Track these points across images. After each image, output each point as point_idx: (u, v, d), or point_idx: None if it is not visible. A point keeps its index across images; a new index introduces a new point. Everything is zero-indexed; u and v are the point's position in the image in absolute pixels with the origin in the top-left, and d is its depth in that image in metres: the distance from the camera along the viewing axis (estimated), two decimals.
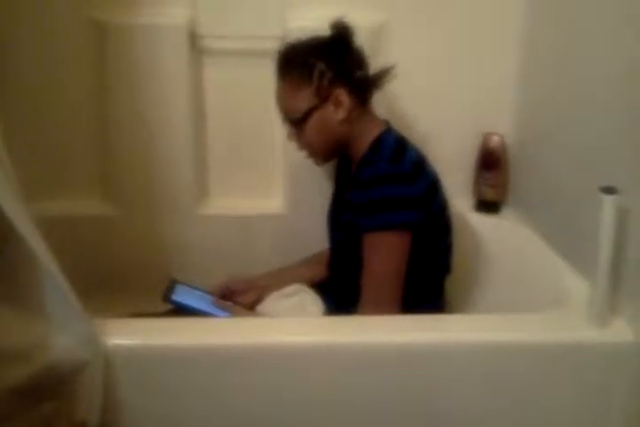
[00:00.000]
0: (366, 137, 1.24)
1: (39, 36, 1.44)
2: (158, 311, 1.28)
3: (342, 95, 1.21)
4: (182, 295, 1.25)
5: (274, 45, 1.41)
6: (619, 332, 1.04)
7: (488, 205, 1.55)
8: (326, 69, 1.20)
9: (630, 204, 1.02)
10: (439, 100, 1.53)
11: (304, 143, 1.27)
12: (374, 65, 1.29)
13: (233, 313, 1.24)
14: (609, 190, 1.01)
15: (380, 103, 1.39)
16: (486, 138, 1.53)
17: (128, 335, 1.04)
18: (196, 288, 1.29)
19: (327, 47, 1.23)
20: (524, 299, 1.29)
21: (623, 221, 1.02)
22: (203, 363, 1.05)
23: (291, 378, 1.06)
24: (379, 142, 1.23)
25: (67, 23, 1.44)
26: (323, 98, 1.21)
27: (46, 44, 1.45)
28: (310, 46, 1.24)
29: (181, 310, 1.24)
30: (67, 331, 0.97)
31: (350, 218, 1.22)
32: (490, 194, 1.54)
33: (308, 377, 1.06)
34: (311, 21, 1.36)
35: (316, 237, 1.41)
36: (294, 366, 1.06)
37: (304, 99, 1.21)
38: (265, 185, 1.59)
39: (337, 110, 1.22)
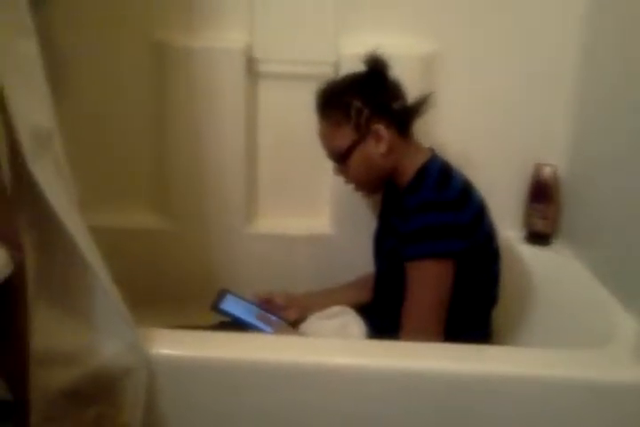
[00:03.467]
0: (411, 166, 1.25)
1: (103, 56, 1.51)
2: (204, 324, 1.30)
3: (381, 130, 1.23)
4: (230, 305, 1.26)
5: (327, 70, 1.47)
6: None
7: (538, 237, 1.53)
8: (363, 106, 1.22)
9: None
10: (492, 130, 1.53)
11: (350, 178, 1.30)
12: (424, 92, 1.30)
13: (277, 329, 1.25)
14: None
15: (430, 133, 1.42)
16: (538, 168, 1.52)
17: (171, 345, 1.06)
18: (244, 300, 1.30)
19: (362, 83, 1.26)
20: (571, 334, 1.26)
21: None
22: (244, 378, 1.06)
23: (327, 397, 1.06)
24: (423, 170, 1.24)
25: (130, 44, 1.50)
26: (362, 134, 1.24)
27: (109, 63, 1.52)
28: (346, 84, 1.28)
29: (227, 319, 1.26)
30: (114, 337, 1.00)
31: (395, 245, 1.22)
32: (540, 226, 1.52)
33: (347, 398, 1.06)
34: (364, 48, 1.38)
35: (361, 259, 1.41)
36: (330, 386, 1.06)
37: (344, 136, 1.24)
38: (313, 206, 1.61)
39: (378, 144, 1.24)
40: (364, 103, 1.23)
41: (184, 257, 1.58)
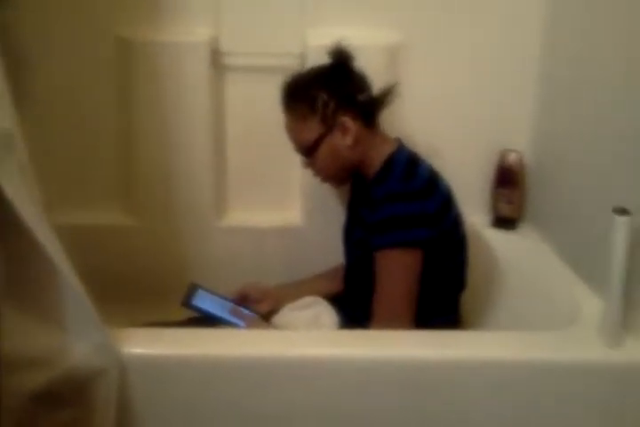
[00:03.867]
0: (378, 157, 1.27)
1: (69, 52, 1.50)
2: (175, 320, 1.30)
3: (347, 121, 1.24)
4: (202, 300, 1.27)
5: (293, 62, 1.48)
6: (631, 351, 1.04)
7: (505, 222, 1.56)
8: (329, 98, 1.24)
9: None
10: (458, 118, 1.56)
11: (318, 170, 1.32)
12: (389, 83, 1.32)
13: (249, 323, 1.26)
14: (622, 211, 1.01)
15: (396, 122, 1.43)
16: (504, 154, 1.54)
17: (143, 344, 1.07)
18: (216, 294, 1.31)
19: (327, 76, 1.28)
20: (538, 316, 1.30)
21: (635, 241, 1.02)
22: (218, 374, 1.06)
23: (303, 389, 1.07)
24: (390, 161, 1.26)
25: (94, 40, 1.50)
26: (329, 126, 1.25)
27: (74, 59, 1.51)
28: (311, 77, 1.29)
29: (199, 315, 1.26)
30: (84, 339, 1.00)
31: (363, 235, 1.24)
32: (506, 210, 1.55)
33: (319, 389, 1.07)
34: (330, 40, 1.38)
35: (332, 250, 1.43)
36: (306, 378, 1.07)
37: (311, 129, 1.26)
38: (282, 198, 1.63)
39: (344, 136, 1.25)
40: (330, 95, 1.24)
41: (154, 253, 1.58)
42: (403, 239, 1.17)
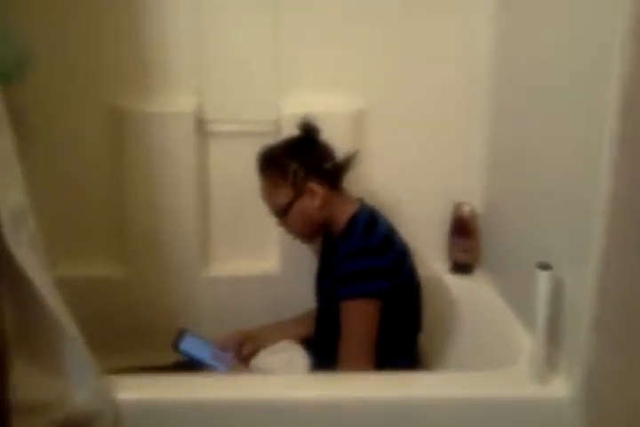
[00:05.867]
0: (342, 216, 1.42)
1: (64, 122, 1.66)
2: (162, 364, 1.44)
3: (315, 187, 1.39)
4: (188, 345, 1.39)
5: (270, 128, 1.64)
6: (556, 387, 1.18)
7: (461, 268, 1.71)
8: (298, 167, 1.38)
9: (565, 275, 1.18)
10: (415, 174, 1.72)
11: (290, 229, 1.47)
12: (355, 146, 1.50)
13: (231, 367, 1.40)
14: (544, 266, 1.16)
15: (361, 180, 1.58)
16: (457, 207, 1.70)
17: (135, 390, 1.19)
18: (201, 339, 1.43)
19: (297, 146, 1.43)
20: (486, 356, 1.44)
21: (558, 289, 1.18)
22: (205, 417, 1.18)
23: None
24: (353, 220, 1.41)
25: (88, 110, 1.66)
26: (299, 191, 1.39)
27: (70, 128, 1.67)
28: (282, 148, 1.44)
29: (185, 359, 1.38)
30: (83, 385, 1.13)
31: (330, 286, 1.39)
32: (462, 258, 1.71)
33: None
34: (302, 107, 1.57)
35: (307, 297, 1.55)
36: (290, 421, 1.19)
37: (283, 194, 1.40)
38: (262, 249, 1.76)
39: (313, 200, 1.40)
40: (300, 165, 1.38)
41: (145, 303, 1.69)
42: (363, 291, 1.32)
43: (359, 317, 1.32)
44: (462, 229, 1.70)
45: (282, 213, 1.43)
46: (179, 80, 1.66)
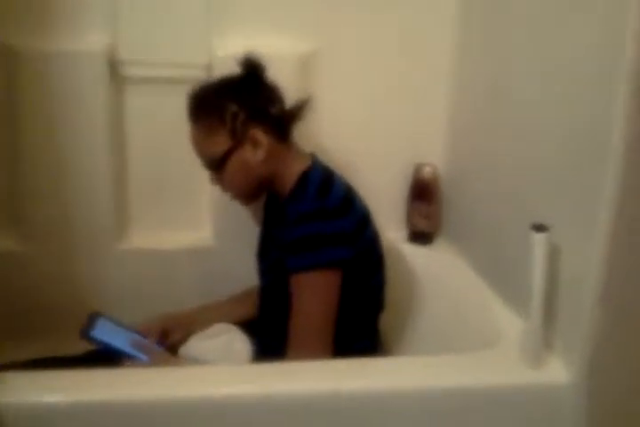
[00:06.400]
0: (291, 173, 1.22)
1: None
2: (70, 355, 1.22)
3: (258, 134, 1.19)
4: (102, 332, 1.17)
5: (200, 73, 1.43)
6: (553, 372, 1.02)
7: (421, 236, 1.55)
8: (239, 110, 1.19)
9: (560, 240, 1.02)
10: (370, 131, 1.55)
11: (226, 186, 1.26)
12: (302, 96, 1.28)
13: (153, 357, 1.16)
14: (539, 228, 1.00)
15: (309, 135, 1.39)
16: (418, 168, 1.54)
17: (16, 392, 0.96)
18: (120, 324, 1.21)
19: (237, 86, 1.23)
20: (458, 336, 1.28)
21: (554, 257, 1.02)
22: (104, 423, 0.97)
23: None
24: (304, 178, 1.21)
25: None
26: (239, 139, 1.20)
27: None
28: (220, 87, 1.24)
29: (99, 348, 1.17)
30: None
31: (278, 257, 1.19)
32: (422, 225, 1.55)
33: None
34: (239, 50, 1.32)
35: (247, 273, 1.36)
36: (218, 420, 1.00)
37: (219, 142, 1.20)
38: (191, 217, 1.57)
39: (255, 150, 1.20)
40: (240, 107, 1.19)
41: (47, 282, 1.49)
42: (319, 260, 1.12)
43: (315, 291, 1.13)
44: (423, 193, 1.54)
45: (217, 166, 1.22)
46: (88, 14, 1.43)
